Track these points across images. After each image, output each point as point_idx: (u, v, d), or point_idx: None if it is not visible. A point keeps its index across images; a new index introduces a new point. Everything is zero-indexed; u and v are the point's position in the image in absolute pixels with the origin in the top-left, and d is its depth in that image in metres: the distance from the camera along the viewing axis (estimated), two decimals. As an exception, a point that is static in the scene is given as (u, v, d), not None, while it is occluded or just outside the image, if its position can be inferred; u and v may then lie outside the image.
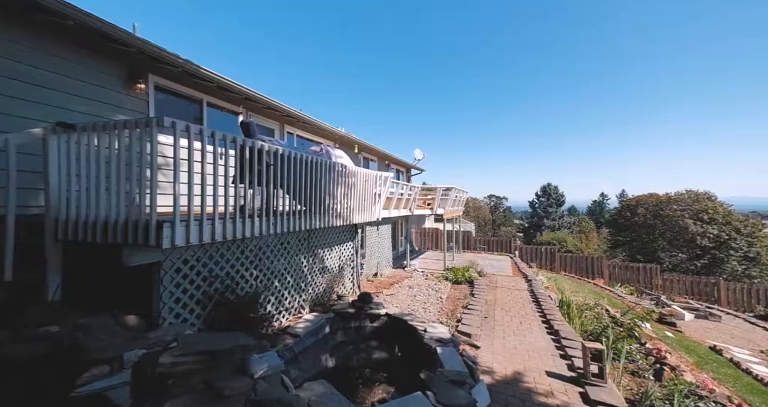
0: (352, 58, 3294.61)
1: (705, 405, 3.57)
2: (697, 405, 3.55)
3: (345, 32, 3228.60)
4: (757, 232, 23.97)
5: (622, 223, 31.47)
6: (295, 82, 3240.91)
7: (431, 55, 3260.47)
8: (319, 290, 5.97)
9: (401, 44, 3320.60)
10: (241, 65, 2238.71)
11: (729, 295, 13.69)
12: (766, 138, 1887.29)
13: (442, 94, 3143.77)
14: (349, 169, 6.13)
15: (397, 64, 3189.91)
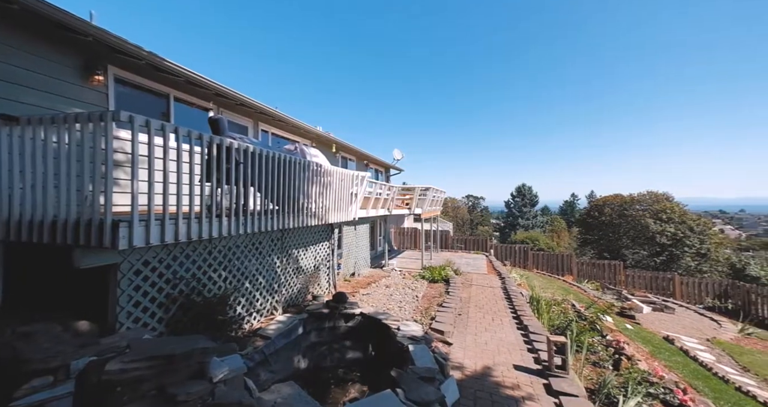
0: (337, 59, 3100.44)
1: (655, 391, 3.84)
2: (648, 391, 3.82)
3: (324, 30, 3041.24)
4: (707, 230, 26.02)
5: (591, 222, 33.17)
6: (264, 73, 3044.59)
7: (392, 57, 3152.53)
8: (293, 290, 5.88)
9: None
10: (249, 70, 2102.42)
11: (683, 289, 14.78)
12: (717, 143, 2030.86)
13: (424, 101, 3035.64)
14: (325, 168, 6.07)
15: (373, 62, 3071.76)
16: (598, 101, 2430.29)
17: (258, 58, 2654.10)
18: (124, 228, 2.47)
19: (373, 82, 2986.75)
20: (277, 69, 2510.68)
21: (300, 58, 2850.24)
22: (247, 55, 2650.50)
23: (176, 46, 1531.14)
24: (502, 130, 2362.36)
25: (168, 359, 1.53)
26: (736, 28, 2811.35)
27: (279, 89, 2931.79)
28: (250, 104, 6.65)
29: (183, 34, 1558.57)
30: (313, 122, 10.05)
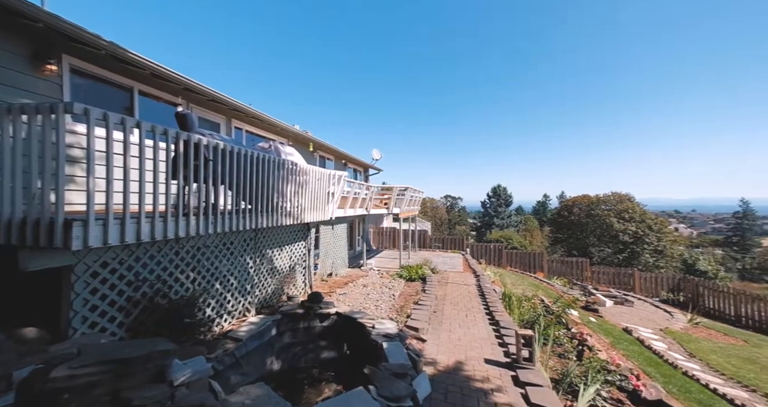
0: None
1: (612, 378, 4.11)
2: (606, 378, 4.08)
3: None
4: (664, 229, 28.06)
5: (561, 222, 34.82)
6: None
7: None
8: (267, 291, 5.75)
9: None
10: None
11: (641, 283, 15.86)
12: (672, 147, 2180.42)
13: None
14: (301, 167, 6.00)
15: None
16: (570, 104, 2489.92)
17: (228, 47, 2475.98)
18: (79, 227, 2.33)
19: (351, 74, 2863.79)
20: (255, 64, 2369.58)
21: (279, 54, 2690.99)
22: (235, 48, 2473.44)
23: (173, 45, 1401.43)
24: (480, 131, 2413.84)
25: (123, 363, 1.46)
26: (685, 28, 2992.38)
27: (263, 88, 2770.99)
28: (223, 100, 6.45)
29: (188, 33, 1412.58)
30: (305, 125, 9.90)
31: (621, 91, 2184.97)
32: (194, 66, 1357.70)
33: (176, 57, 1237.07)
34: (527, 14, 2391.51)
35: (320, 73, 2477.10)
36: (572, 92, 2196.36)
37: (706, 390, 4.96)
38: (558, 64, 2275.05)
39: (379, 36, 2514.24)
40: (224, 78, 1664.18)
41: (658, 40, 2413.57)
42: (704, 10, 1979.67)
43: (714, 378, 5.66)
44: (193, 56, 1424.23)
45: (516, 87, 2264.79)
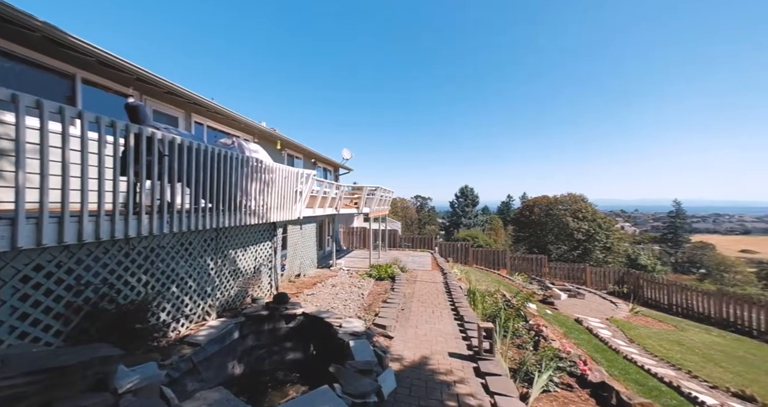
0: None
1: (563, 365, 4.45)
2: (557, 365, 4.40)
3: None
4: (612, 227, 30.70)
5: (523, 221, 36.84)
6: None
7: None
8: (229, 293, 5.52)
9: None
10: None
11: (592, 277, 17.25)
12: (621, 150, 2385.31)
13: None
14: (267, 164, 5.83)
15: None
16: (535, 106, 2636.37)
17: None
18: (5, 227, 2.10)
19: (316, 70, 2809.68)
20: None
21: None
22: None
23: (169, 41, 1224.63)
24: (450, 132, 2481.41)
25: (58, 372, 1.34)
26: (641, 31, 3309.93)
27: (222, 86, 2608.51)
28: (181, 93, 6.08)
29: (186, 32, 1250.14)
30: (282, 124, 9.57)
31: (578, 97, 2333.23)
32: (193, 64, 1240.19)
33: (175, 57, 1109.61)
34: (496, 11, 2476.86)
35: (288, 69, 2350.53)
36: (532, 96, 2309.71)
37: (641, 370, 5.52)
38: (510, 68, 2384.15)
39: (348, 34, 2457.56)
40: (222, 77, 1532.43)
41: (609, 44, 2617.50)
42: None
43: (649, 360, 6.31)
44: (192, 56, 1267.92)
45: (478, 90, 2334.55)
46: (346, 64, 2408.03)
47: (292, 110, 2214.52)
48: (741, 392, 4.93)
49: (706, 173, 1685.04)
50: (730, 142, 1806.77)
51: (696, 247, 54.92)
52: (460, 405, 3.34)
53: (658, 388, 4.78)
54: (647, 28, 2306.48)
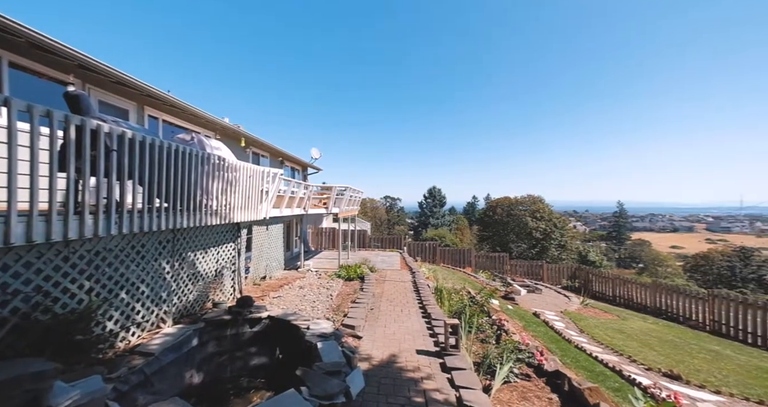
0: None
1: (522, 356, 4.72)
2: (517, 357, 4.66)
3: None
4: (565, 226, 33.12)
5: (487, 221, 38.51)
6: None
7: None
8: (188, 298, 5.19)
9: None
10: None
11: (548, 273, 18.51)
12: (577, 153, 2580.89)
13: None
14: (230, 162, 5.58)
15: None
16: (494, 109, 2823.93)
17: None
18: None
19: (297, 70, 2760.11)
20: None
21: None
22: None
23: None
24: (415, 133, 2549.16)
25: (-16, 390, 1.18)
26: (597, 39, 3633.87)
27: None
28: (132, 84, 5.61)
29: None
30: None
31: (536, 100, 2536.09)
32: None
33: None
34: (459, 10, 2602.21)
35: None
36: (496, 98, 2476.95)
37: (590, 358, 6.03)
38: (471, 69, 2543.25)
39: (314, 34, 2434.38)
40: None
41: (575, 46, 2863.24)
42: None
43: (596, 347, 6.91)
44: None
45: (438, 91, 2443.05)
46: (313, 57, 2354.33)
47: (251, 100, 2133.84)
48: (670, 372, 5.57)
49: (643, 177, 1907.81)
50: (661, 149, 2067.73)
51: (635, 244, 61.20)
52: (427, 400, 3.42)
53: (603, 373, 5.24)
54: (615, 26, 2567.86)
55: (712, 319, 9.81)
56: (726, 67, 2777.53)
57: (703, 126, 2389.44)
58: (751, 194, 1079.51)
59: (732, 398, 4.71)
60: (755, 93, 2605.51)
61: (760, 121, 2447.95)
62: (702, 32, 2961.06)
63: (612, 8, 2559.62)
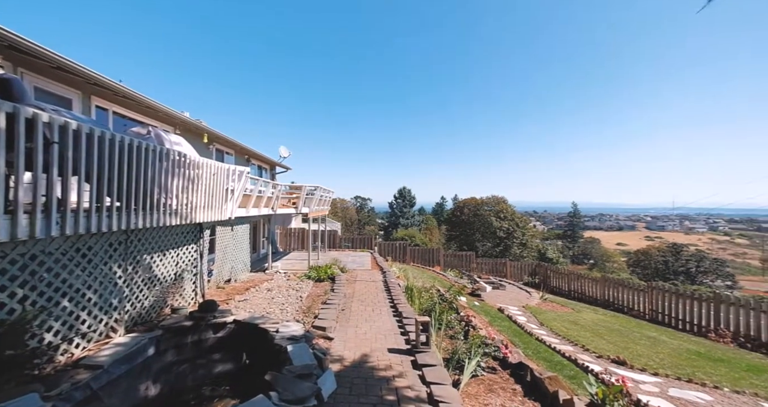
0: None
1: (488, 350, 4.93)
2: (484, 351, 4.86)
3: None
4: (527, 226, 35.12)
5: (455, 221, 39.74)
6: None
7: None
8: (143, 304, 4.80)
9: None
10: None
11: (511, 270, 19.51)
12: (535, 157, 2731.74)
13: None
14: (192, 159, 5.25)
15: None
16: (457, 111, 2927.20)
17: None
18: None
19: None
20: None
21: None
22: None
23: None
24: (387, 133, 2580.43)
25: None
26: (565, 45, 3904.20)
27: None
28: (75, 70, 5.09)
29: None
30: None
31: (490, 106, 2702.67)
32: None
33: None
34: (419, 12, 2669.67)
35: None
36: (460, 101, 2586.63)
37: (549, 349, 6.44)
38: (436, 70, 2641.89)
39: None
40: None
41: (531, 47, 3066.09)
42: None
43: (554, 339, 7.40)
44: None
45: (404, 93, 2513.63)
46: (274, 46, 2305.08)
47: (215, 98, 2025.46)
48: (617, 358, 6.11)
49: (594, 180, 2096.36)
50: (608, 154, 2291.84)
51: (587, 242, 66.53)
52: (399, 398, 3.46)
53: (561, 362, 5.63)
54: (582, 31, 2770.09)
55: (651, 309, 10.91)
56: (655, 75, 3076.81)
57: (642, 133, 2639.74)
58: (682, 196, 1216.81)
59: (667, 378, 5.26)
60: (674, 104, 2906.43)
61: (687, 129, 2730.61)
62: (641, 35, 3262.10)
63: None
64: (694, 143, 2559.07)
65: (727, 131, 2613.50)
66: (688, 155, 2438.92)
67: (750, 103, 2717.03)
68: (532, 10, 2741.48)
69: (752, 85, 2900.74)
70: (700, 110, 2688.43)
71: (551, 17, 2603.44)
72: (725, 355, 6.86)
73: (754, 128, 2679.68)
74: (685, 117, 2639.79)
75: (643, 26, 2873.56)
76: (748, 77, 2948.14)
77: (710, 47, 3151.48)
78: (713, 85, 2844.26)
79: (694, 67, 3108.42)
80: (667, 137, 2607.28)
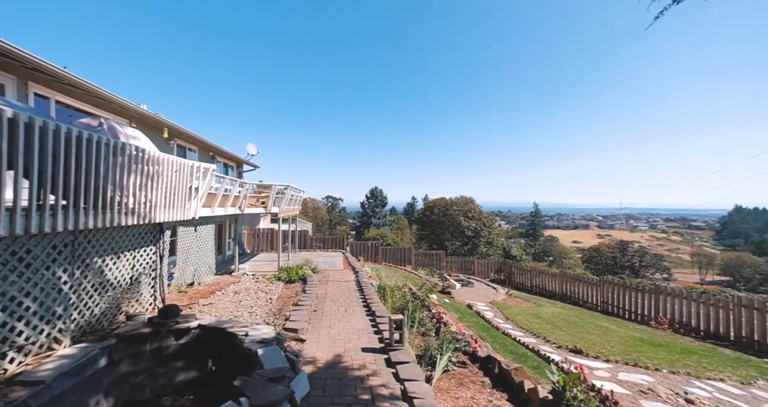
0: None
1: (459, 345, 5.09)
2: (455, 346, 5.01)
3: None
4: (493, 225, 36.65)
5: (425, 220, 40.50)
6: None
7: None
8: (93, 312, 4.39)
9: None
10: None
11: (479, 268, 20.30)
12: (498, 159, 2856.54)
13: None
14: (151, 154, 4.90)
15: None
16: (434, 113, 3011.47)
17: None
18: None
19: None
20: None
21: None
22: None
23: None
24: (357, 132, 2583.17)
25: None
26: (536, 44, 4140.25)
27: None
28: (8, 52, 4.53)
29: None
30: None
31: (455, 108, 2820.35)
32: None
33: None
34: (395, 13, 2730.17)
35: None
36: (428, 103, 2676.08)
37: (514, 342, 6.79)
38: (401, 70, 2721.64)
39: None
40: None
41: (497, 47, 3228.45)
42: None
43: (519, 332, 7.81)
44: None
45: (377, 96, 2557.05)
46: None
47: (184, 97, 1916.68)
48: (575, 348, 6.58)
49: (553, 181, 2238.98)
50: (567, 156, 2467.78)
51: (547, 240, 71.02)
52: (373, 396, 3.47)
53: (525, 354, 5.95)
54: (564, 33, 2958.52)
55: (602, 301, 11.87)
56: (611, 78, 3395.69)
57: (594, 138, 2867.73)
58: (628, 198, 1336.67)
59: (617, 364, 5.76)
60: (620, 109, 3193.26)
61: (633, 134, 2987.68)
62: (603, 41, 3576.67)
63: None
64: (639, 148, 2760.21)
65: (667, 136, 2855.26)
66: (633, 159, 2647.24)
67: (686, 111, 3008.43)
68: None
69: (683, 94, 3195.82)
70: (643, 118, 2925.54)
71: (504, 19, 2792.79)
72: (663, 340, 7.64)
73: (690, 133, 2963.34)
74: (630, 124, 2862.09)
75: (596, 25, 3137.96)
76: (687, 85, 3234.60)
77: (659, 54, 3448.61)
78: (652, 95, 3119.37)
79: (636, 76, 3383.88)
80: (614, 142, 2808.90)
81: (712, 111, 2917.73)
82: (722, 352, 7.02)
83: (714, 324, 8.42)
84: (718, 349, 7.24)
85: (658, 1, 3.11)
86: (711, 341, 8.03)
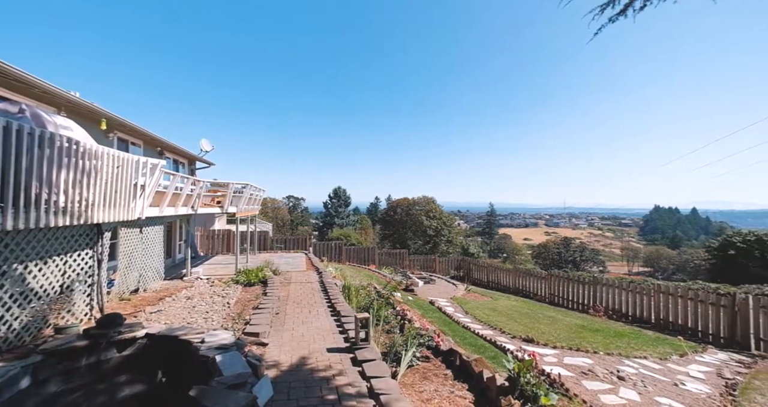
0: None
1: (422, 341, 5.25)
2: (419, 341, 5.16)
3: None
4: (452, 224, 38.15)
5: (388, 220, 40.95)
6: None
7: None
8: (11, 327, 3.81)
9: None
10: None
11: (440, 266, 21.02)
12: (462, 159, 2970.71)
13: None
14: (87, 147, 4.39)
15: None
16: (394, 112, 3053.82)
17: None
18: None
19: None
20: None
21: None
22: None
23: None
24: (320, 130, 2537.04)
25: None
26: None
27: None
28: None
29: None
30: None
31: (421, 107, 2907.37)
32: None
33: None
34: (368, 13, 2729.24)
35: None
36: (391, 104, 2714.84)
37: (474, 334, 7.16)
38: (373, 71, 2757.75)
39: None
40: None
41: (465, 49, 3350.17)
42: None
43: (477, 325, 8.25)
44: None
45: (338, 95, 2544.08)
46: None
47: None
48: (527, 337, 7.12)
49: (506, 182, 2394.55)
50: (520, 159, 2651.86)
51: (501, 238, 75.79)
52: (339, 395, 3.45)
53: (484, 346, 6.30)
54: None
55: (550, 293, 12.96)
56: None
57: (540, 141, 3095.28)
58: (570, 198, 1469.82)
59: (562, 349, 6.35)
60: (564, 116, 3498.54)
61: (574, 137, 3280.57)
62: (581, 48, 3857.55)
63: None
64: (581, 150, 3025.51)
65: (603, 139, 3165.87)
66: (577, 162, 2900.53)
67: (616, 117, 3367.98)
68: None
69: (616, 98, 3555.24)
70: (585, 122, 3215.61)
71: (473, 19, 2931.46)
72: (600, 326, 8.56)
73: (621, 137, 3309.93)
74: (574, 127, 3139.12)
75: (560, 26, 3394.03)
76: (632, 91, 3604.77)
77: (621, 62, 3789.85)
78: (589, 101, 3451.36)
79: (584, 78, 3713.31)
80: (559, 144, 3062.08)
81: (640, 119, 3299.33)
82: (646, 334, 8.05)
83: (639, 310, 9.63)
84: (642, 331, 8.28)
85: (597, 20, 3.56)
86: (637, 324, 9.17)
